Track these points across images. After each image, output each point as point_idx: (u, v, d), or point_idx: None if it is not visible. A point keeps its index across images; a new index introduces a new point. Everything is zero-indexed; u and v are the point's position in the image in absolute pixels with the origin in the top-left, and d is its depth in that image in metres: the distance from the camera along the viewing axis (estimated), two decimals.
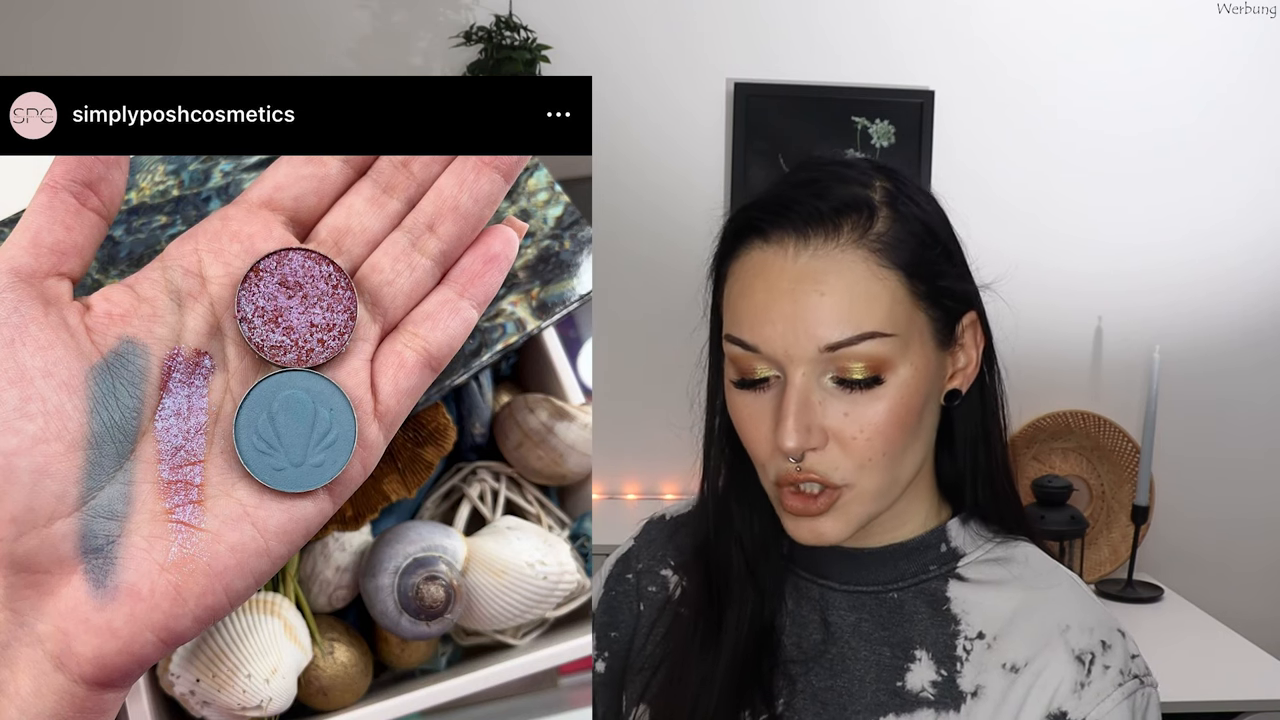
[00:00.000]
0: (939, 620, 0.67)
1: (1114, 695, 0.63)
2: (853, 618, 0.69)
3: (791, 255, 0.62)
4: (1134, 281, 2.11)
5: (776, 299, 0.62)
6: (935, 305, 0.64)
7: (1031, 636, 0.65)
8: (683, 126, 2.04)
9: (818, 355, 0.61)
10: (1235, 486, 2.16)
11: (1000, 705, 0.64)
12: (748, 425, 0.65)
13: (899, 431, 0.63)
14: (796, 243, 0.62)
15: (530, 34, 1.91)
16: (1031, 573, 0.69)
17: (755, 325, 0.62)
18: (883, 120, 2.04)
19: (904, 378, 0.62)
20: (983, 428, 0.70)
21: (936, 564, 0.69)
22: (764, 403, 0.63)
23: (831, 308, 0.61)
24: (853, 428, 0.62)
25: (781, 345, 0.61)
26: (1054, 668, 0.64)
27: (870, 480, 0.63)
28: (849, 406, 0.62)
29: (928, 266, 0.64)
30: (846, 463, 0.62)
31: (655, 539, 0.79)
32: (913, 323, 0.63)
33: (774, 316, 0.62)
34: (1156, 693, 0.66)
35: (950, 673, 0.66)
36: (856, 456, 0.62)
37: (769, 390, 0.63)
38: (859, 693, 0.67)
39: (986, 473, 0.70)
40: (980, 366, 0.68)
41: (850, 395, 0.62)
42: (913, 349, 0.63)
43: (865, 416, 0.62)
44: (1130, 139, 2.08)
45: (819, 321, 0.61)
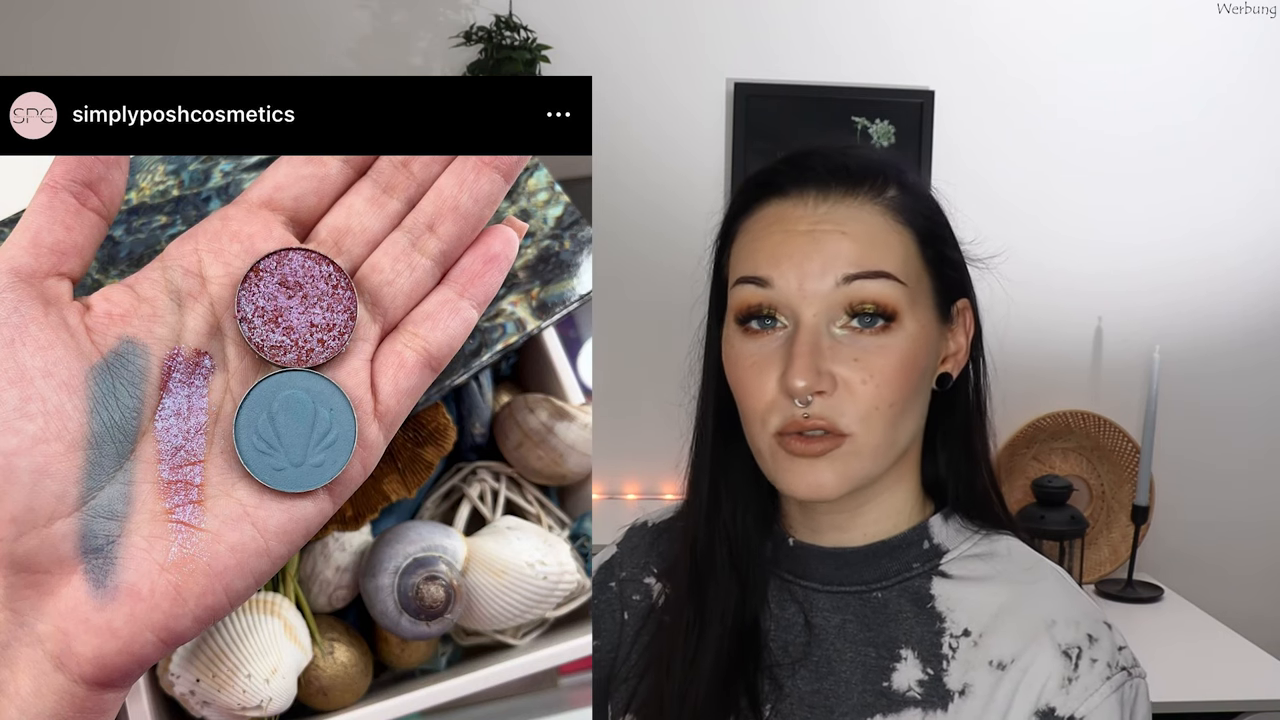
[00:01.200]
0: (924, 619, 0.67)
1: (1102, 689, 0.63)
2: (837, 619, 0.69)
3: (812, 205, 0.64)
4: (1134, 281, 2.11)
5: (794, 239, 0.64)
6: (939, 275, 0.66)
7: (1017, 632, 0.65)
8: (683, 126, 2.04)
9: (833, 290, 0.62)
10: (1235, 487, 2.16)
11: (988, 703, 0.64)
12: (750, 374, 0.64)
13: (903, 384, 0.63)
14: (817, 195, 0.64)
15: (530, 34, 1.91)
16: (1015, 567, 0.69)
17: (771, 261, 0.64)
18: (883, 120, 2.04)
19: (910, 331, 0.64)
20: (966, 421, 0.70)
21: (920, 561, 0.69)
22: (769, 350, 0.64)
23: (851, 243, 0.63)
24: (861, 373, 0.63)
25: (797, 280, 0.63)
26: (1041, 663, 0.64)
27: (872, 432, 0.63)
28: (858, 353, 0.63)
29: (935, 235, 0.66)
30: (853, 409, 0.63)
31: (638, 546, 0.79)
32: (920, 282, 0.65)
33: (791, 252, 0.63)
34: (1145, 683, 0.66)
35: (937, 671, 0.66)
36: (863, 404, 0.63)
37: (775, 336, 0.64)
38: (845, 694, 0.66)
39: (968, 467, 0.70)
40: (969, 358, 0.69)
41: (859, 342, 0.63)
42: (919, 307, 0.65)
43: (874, 364, 0.63)
44: (1130, 139, 2.08)
45: (837, 254, 0.63)
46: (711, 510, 0.70)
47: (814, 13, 2.02)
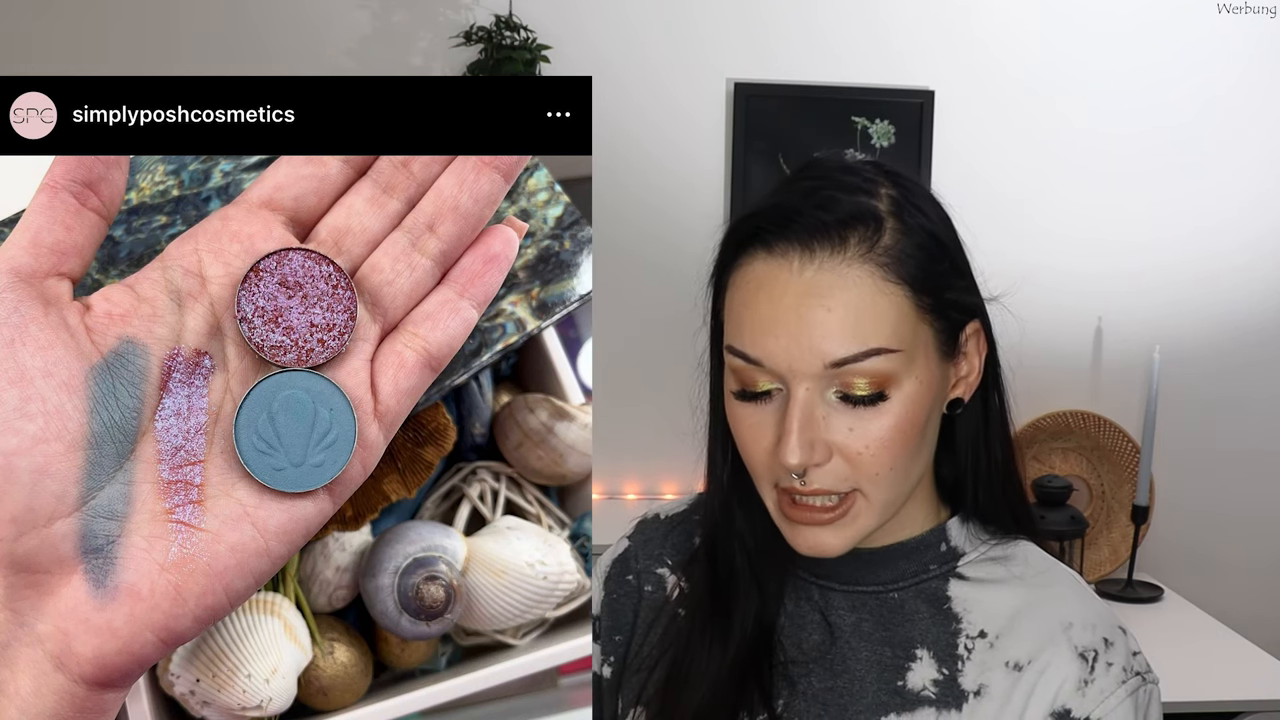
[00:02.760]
0: (940, 619, 0.67)
1: (1118, 693, 0.64)
2: (853, 618, 0.69)
3: (796, 269, 0.60)
4: (1134, 281, 2.11)
5: (781, 313, 0.60)
6: (941, 317, 0.63)
7: (1034, 634, 0.66)
8: (683, 127, 2.04)
9: (822, 371, 0.60)
10: (1235, 486, 2.16)
11: (1004, 704, 0.64)
12: (748, 438, 0.64)
13: (903, 446, 0.62)
14: (801, 255, 0.60)
15: (530, 34, 1.91)
16: (1032, 571, 0.69)
17: (758, 339, 0.61)
18: (883, 120, 2.03)
19: (908, 392, 0.62)
20: (984, 431, 0.70)
21: (936, 563, 0.69)
22: (765, 415, 0.63)
23: (837, 324, 0.60)
24: (857, 444, 0.61)
25: (785, 360, 0.60)
26: (1057, 665, 0.64)
27: (879, 491, 0.63)
28: (853, 422, 0.61)
29: (935, 279, 0.62)
30: (854, 475, 0.62)
31: (651, 538, 0.79)
32: (917, 336, 0.62)
33: (778, 331, 0.60)
34: (1158, 690, 0.66)
35: (952, 672, 0.66)
36: (864, 471, 0.62)
37: (771, 403, 0.63)
38: (860, 693, 0.67)
39: (986, 474, 0.70)
40: (983, 373, 0.68)
41: (854, 410, 0.61)
42: (917, 363, 0.62)
43: (870, 432, 0.61)
44: (1130, 139, 2.08)
45: (824, 337, 0.60)
46: (727, 519, 0.71)
47: (814, 13, 2.02)
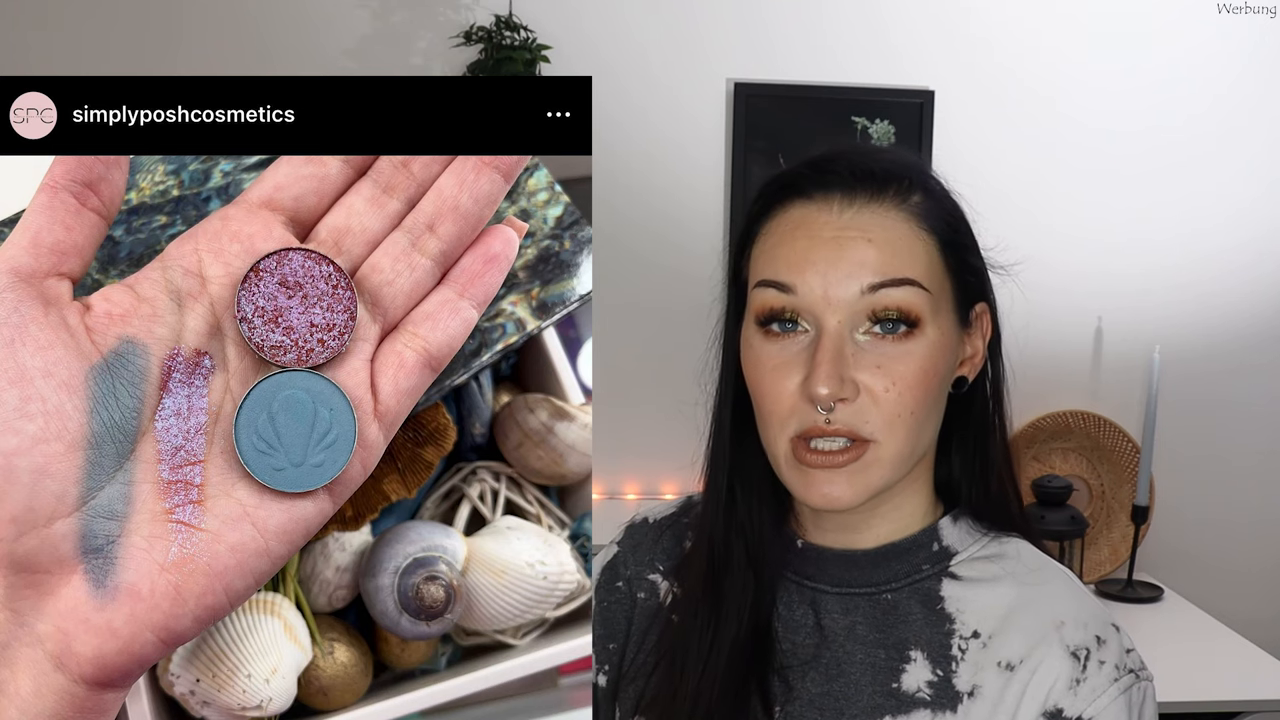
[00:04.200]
0: (933, 620, 0.67)
1: (1110, 691, 0.63)
2: (846, 620, 0.69)
3: (836, 210, 0.64)
4: (1134, 281, 2.11)
5: (819, 245, 0.63)
6: (960, 282, 0.66)
7: (1026, 634, 0.65)
8: (683, 126, 2.03)
9: (857, 298, 0.62)
10: (1235, 486, 2.16)
11: (997, 704, 0.64)
12: (770, 377, 0.64)
13: (925, 391, 0.63)
14: (842, 200, 0.64)
15: (530, 34, 1.91)
16: (1024, 568, 0.69)
17: (796, 267, 0.63)
18: (883, 120, 2.03)
19: (932, 339, 0.64)
20: (982, 424, 0.70)
21: (929, 563, 0.69)
22: (791, 354, 0.63)
23: (876, 252, 0.62)
24: (885, 380, 0.62)
25: (821, 287, 0.62)
26: (1049, 664, 0.64)
27: (895, 439, 0.63)
28: (881, 359, 0.63)
29: (958, 242, 0.66)
30: (876, 416, 0.62)
31: (641, 543, 0.78)
32: (943, 289, 0.65)
33: (815, 259, 0.63)
34: (1153, 686, 0.66)
35: (946, 672, 0.66)
36: (886, 411, 0.62)
37: (797, 340, 0.63)
38: (855, 696, 0.66)
39: (982, 470, 0.70)
40: (985, 359, 0.69)
41: (882, 348, 0.63)
42: (941, 314, 0.64)
43: (896, 370, 0.62)
44: (1130, 139, 2.08)
45: (863, 263, 0.62)
46: (729, 506, 0.70)
47: (814, 13, 2.02)
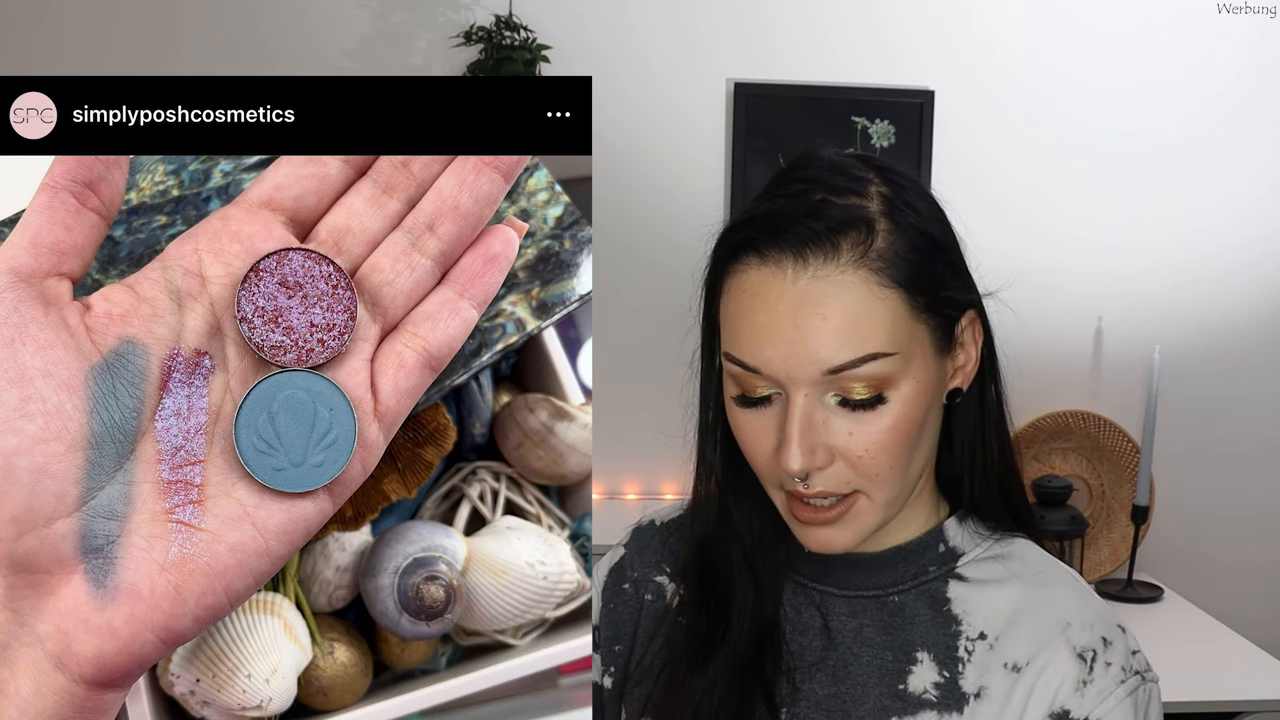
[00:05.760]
0: (940, 621, 0.67)
1: (1117, 692, 0.63)
2: (854, 623, 0.69)
3: (790, 277, 0.61)
4: (1134, 281, 2.11)
5: (777, 321, 0.61)
6: (936, 315, 0.63)
7: (1032, 635, 0.65)
8: (683, 126, 2.04)
9: (820, 378, 0.60)
10: (1235, 486, 2.16)
11: (1004, 706, 0.64)
12: (751, 442, 0.64)
13: (903, 447, 0.62)
14: (795, 264, 0.61)
15: (530, 34, 1.91)
16: (1029, 569, 0.69)
17: (755, 348, 0.61)
18: (883, 120, 2.04)
19: (906, 394, 0.62)
20: (981, 424, 0.70)
21: (936, 565, 0.69)
22: (766, 420, 0.63)
23: (833, 331, 0.60)
24: (858, 447, 0.62)
25: (783, 368, 0.61)
26: (1056, 666, 0.64)
27: (882, 490, 0.63)
28: (853, 425, 0.61)
29: (929, 279, 0.63)
30: (855, 477, 0.63)
31: (647, 545, 0.78)
32: (914, 337, 0.62)
33: (775, 340, 0.61)
34: (1158, 688, 0.66)
35: (953, 674, 0.66)
36: (865, 472, 0.62)
37: (771, 408, 0.63)
38: (862, 698, 0.66)
39: (984, 469, 0.70)
40: (980, 362, 0.68)
41: (853, 414, 0.61)
42: (914, 364, 0.62)
43: (869, 435, 0.61)
44: (1130, 139, 2.08)
45: (821, 345, 0.60)
46: (722, 517, 0.71)
47: (814, 13, 2.02)
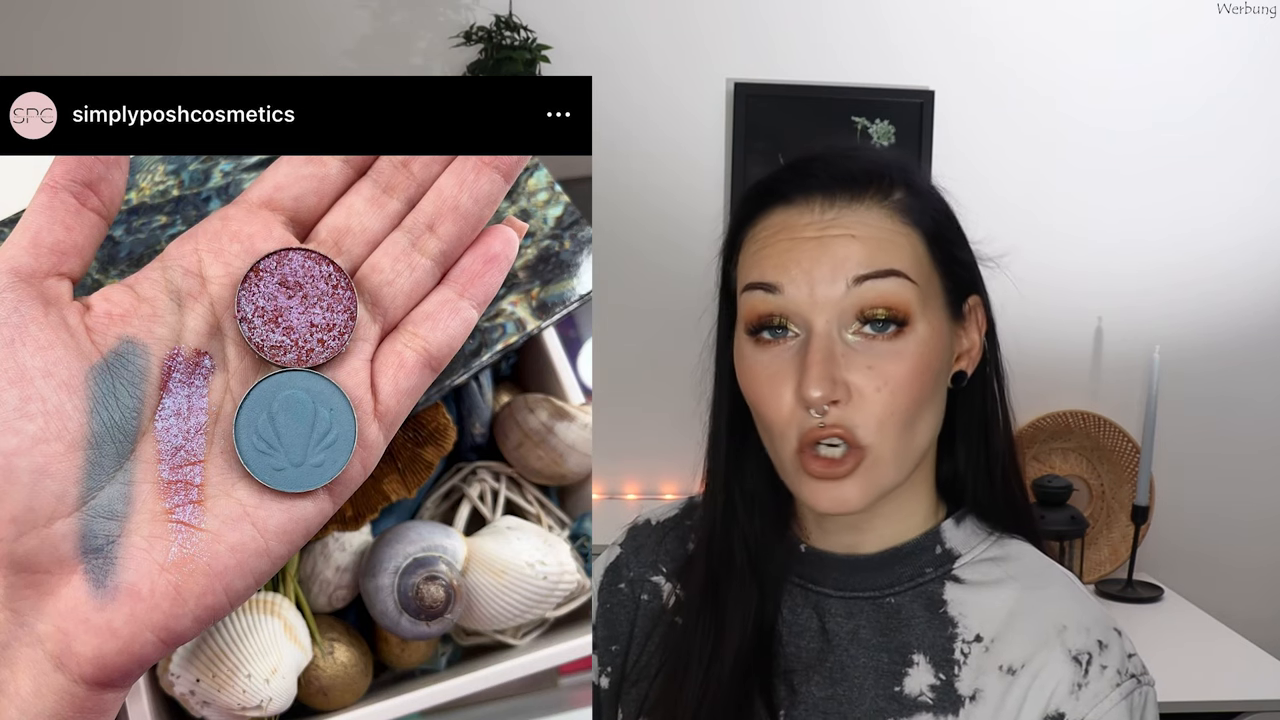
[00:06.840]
0: (936, 623, 0.67)
1: (1112, 696, 0.63)
2: (850, 624, 0.69)
3: (818, 211, 0.64)
4: (1134, 281, 2.11)
5: (802, 245, 0.63)
6: (949, 275, 0.66)
7: (1028, 637, 0.65)
8: (683, 126, 2.04)
9: (844, 294, 0.62)
10: (1236, 486, 2.16)
11: (999, 708, 0.64)
12: (764, 386, 0.64)
13: (918, 389, 0.63)
14: (823, 202, 0.64)
15: (530, 34, 1.91)
16: (1026, 571, 0.69)
17: (781, 267, 0.63)
18: (883, 120, 2.04)
19: (922, 335, 0.63)
20: (982, 420, 0.70)
21: (932, 566, 0.69)
22: (783, 360, 0.63)
23: (859, 247, 0.63)
24: (876, 380, 0.62)
25: (807, 285, 0.62)
26: (1051, 669, 0.64)
27: (887, 440, 0.63)
28: (871, 359, 0.62)
29: (945, 239, 0.66)
30: (867, 418, 0.62)
31: (643, 545, 0.78)
32: (931, 282, 0.65)
33: (799, 258, 0.63)
34: (1154, 691, 0.66)
35: (949, 676, 0.66)
36: (877, 412, 0.62)
37: (788, 346, 0.63)
38: (858, 700, 0.66)
39: (985, 464, 0.70)
40: (983, 351, 0.69)
41: (873, 348, 0.62)
42: (930, 309, 0.64)
43: (887, 370, 0.62)
44: (1130, 139, 2.08)
45: (847, 258, 0.62)
46: (728, 514, 0.70)
47: (814, 13, 2.02)
